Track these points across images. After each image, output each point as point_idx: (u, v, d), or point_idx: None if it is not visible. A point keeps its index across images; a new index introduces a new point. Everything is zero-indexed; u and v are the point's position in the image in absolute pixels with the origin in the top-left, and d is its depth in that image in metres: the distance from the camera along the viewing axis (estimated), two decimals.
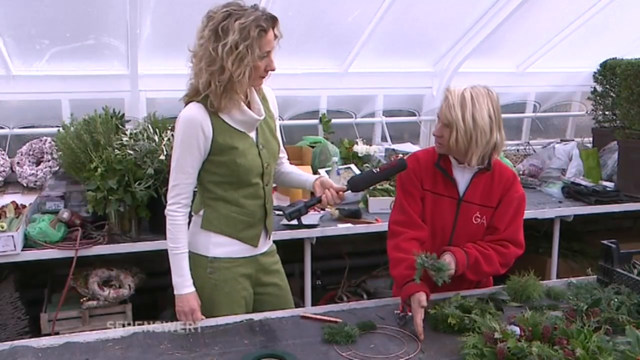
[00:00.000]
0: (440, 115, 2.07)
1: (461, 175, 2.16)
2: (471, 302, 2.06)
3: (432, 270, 1.96)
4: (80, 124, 3.01)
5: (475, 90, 2.04)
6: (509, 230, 2.13)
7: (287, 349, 1.84)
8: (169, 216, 2.02)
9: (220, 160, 2.02)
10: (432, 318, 2.01)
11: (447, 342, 1.90)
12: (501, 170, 2.17)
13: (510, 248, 2.13)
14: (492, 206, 2.16)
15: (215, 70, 1.92)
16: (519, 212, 2.16)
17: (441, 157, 2.16)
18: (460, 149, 2.05)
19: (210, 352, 1.83)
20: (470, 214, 2.15)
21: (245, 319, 2.05)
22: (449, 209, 2.17)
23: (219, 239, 2.09)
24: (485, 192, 2.15)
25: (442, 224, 2.18)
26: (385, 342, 1.92)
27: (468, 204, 2.15)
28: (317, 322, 2.03)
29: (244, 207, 2.09)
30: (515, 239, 2.14)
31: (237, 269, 2.12)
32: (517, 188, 2.16)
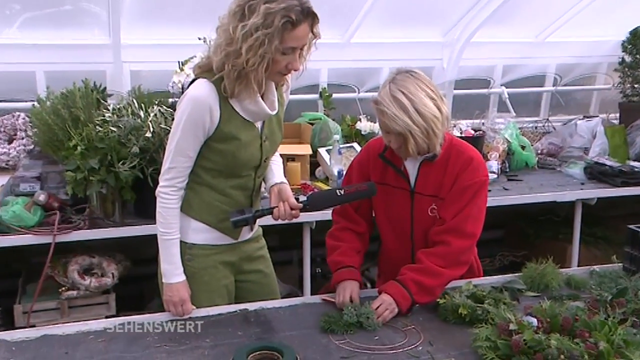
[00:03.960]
0: (385, 129, 2.04)
1: (412, 164, 2.15)
2: (484, 291, 2.06)
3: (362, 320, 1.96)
4: (58, 98, 3.00)
5: (399, 84, 1.99)
6: (454, 221, 2.07)
7: (284, 341, 1.85)
8: (161, 198, 2.02)
9: (218, 148, 2.01)
10: (442, 308, 2.02)
11: (457, 334, 1.91)
12: (458, 154, 2.11)
13: (453, 243, 2.06)
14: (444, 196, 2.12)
15: (231, 52, 1.87)
16: (474, 201, 2.08)
17: (387, 147, 2.15)
18: (423, 148, 2.04)
19: (201, 344, 1.84)
20: (425, 207, 2.14)
21: (239, 309, 2.06)
22: (403, 202, 2.17)
23: (198, 225, 2.09)
24: (437, 180, 2.11)
25: (399, 218, 2.19)
26: (389, 334, 1.93)
27: (421, 195, 2.14)
28: (317, 311, 2.04)
29: (230, 197, 2.09)
30: (459, 229, 2.06)
31: (217, 257, 2.13)
32: (474, 173, 2.09)
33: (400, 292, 2.03)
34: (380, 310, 1.99)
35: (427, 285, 2.04)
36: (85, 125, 2.85)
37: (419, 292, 2.04)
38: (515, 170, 4.03)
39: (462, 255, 2.10)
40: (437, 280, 2.05)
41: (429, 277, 2.04)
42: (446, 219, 2.09)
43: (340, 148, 3.58)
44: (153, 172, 2.75)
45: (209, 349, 1.81)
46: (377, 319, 1.97)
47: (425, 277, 2.04)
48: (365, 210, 2.26)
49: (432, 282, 2.05)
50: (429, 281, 2.04)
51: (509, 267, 4.13)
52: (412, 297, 2.03)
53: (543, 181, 3.81)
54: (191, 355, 1.79)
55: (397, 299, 2.02)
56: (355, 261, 2.17)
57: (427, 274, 2.05)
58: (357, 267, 2.16)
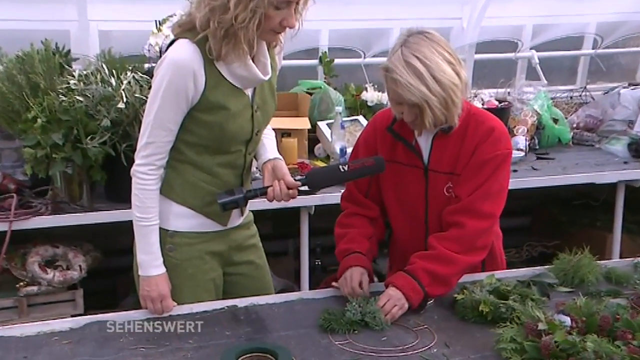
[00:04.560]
0: (397, 99, 2.05)
1: (424, 137, 2.17)
2: (509, 286, 2.08)
3: (368, 319, 1.99)
4: (12, 61, 2.99)
5: (412, 48, 2.00)
6: (469, 199, 2.09)
7: (279, 342, 1.88)
8: (138, 178, 2.03)
9: (204, 120, 2.02)
10: (460, 305, 2.04)
11: (477, 335, 1.93)
12: (477, 124, 2.13)
13: (468, 225, 2.08)
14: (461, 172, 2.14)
15: (217, 7, 1.88)
16: (494, 176, 2.10)
17: (396, 119, 2.17)
18: (441, 119, 2.06)
19: (183, 346, 1.87)
20: (441, 186, 2.16)
21: (227, 306, 2.09)
22: (415, 181, 2.19)
23: (181, 210, 2.11)
24: (453, 155, 2.13)
25: (411, 200, 2.21)
26: (399, 334, 1.96)
27: (435, 173, 2.17)
28: (316, 308, 2.06)
29: (217, 176, 2.11)
30: (475, 209, 2.09)
31: (203, 246, 2.14)
32: (495, 144, 2.11)
33: (409, 284, 2.05)
34: (387, 307, 2.02)
35: (440, 274, 2.06)
36: (47, 94, 2.85)
37: (432, 282, 2.06)
38: (546, 147, 4.04)
39: (479, 239, 2.12)
40: (452, 268, 2.08)
41: (442, 264, 2.07)
42: (461, 197, 2.11)
43: (343, 122, 3.59)
44: (127, 148, 2.76)
45: (192, 351, 1.84)
46: (385, 317, 1.99)
47: (438, 264, 2.06)
48: (377, 193, 2.28)
49: (447, 270, 2.07)
50: (443, 269, 2.06)
51: (538, 258, 4.16)
52: (424, 289, 2.05)
53: (579, 160, 3.83)
54: (171, 358, 1.81)
55: (407, 293, 2.04)
56: (363, 247, 2.19)
57: (440, 261, 2.07)
58: (365, 253, 2.19)
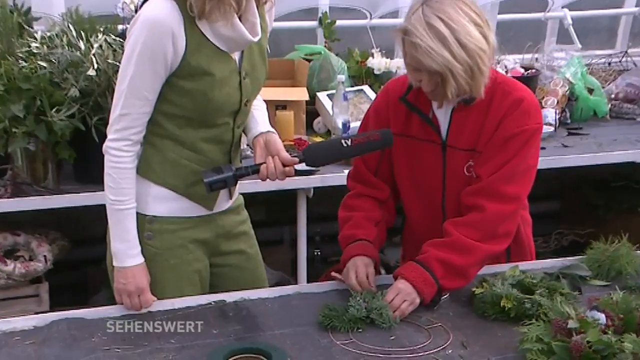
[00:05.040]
0: (415, 65, 2.04)
1: (443, 109, 2.17)
2: (535, 279, 2.10)
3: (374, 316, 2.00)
4: None
5: (435, 8, 1.99)
6: (491, 179, 2.10)
7: (273, 341, 1.89)
8: (111, 156, 2.04)
9: (185, 88, 2.02)
10: (478, 300, 2.05)
11: (498, 334, 1.95)
12: (504, 94, 2.13)
13: (488, 208, 2.08)
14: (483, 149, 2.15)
15: None
16: (521, 154, 2.11)
17: (411, 88, 2.17)
18: (464, 90, 2.05)
19: (164, 346, 1.88)
20: (460, 164, 2.17)
21: (214, 301, 2.10)
22: (432, 158, 2.20)
23: (161, 192, 2.11)
24: (475, 129, 2.14)
25: (427, 180, 2.22)
26: (409, 332, 1.98)
27: (455, 149, 2.17)
28: (315, 303, 2.08)
29: (202, 153, 2.11)
30: (497, 190, 2.10)
31: (186, 233, 2.15)
32: (523, 117, 2.12)
33: (421, 277, 2.06)
34: (396, 302, 2.03)
35: (456, 265, 2.07)
36: (4, 58, 2.85)
37: (447, 274, 2.07)
38: (580, 121, 4.04)
39: (501, 225, 2.12)
40: (469, 258, 2.08)
41: (458, 253, 2.07)
42: (482, 177, 2.12)
43: (346, 92, 3.58)
44: (98, 122, 2.76)
45: (173, 353, 1.85)
46: (394, 313, 2.01)
47: (454, 253, 2.07)
48: (388, 172, 2.29)
49: (464, 260, 2.07)
50: (459, 259, 2.07)
51: (569, 248, 4.17)
52: (438, 282, 2.06)
53: (617, 135, 3.83)
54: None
55: (418, 286, 2.05)
56: (370, 233, 2.21)
57: (456, 249, 2.07)
58: (372, 240, 2.20)
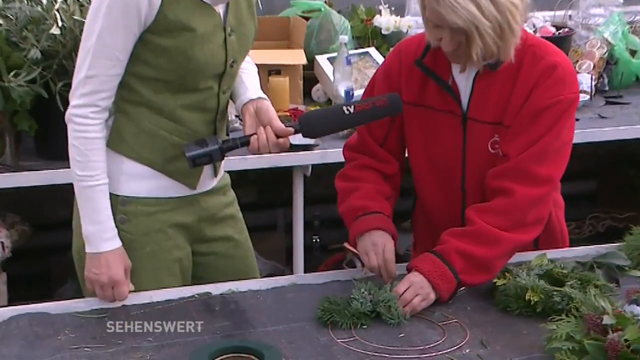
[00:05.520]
0: (436, 21, 2.04)
1: (464, 74, 2.17)
2: (565, 268, 2.11)
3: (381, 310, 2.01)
4: None
5: None
6: (521, 158, 2.10)
7: (265, 339, 1.90)
8: (75, 124, 2.04)
9: (161, 46, 2.02)
10: (500, 293, 2.06)
11: (523, 331, 1.96)
12: (535, 59, 2.13)
13: (518, 192, 2.08)
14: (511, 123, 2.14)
15: None
16: (555, 129, 2.11)
17: (428, 49, 2.17)
18: (492, 51, 2.05)
19: (140, 345, 1.89)
20: (484, 139, 2.17)
21: (197, 293, 2.11)
22: (451, 132, 2.20)
23: (135, 168, 2.12)
24: (502, 99, 2.14)
25: (445, 157, 2.22)
26: (421, 329, 1.99)
27: (477, 122, 2.18)
28: (313, 296, 2.09)
29: (182, 123, 2.12)
30: (528, 171, 2.10)
31: (164, 216, 2.16)
32: (557, 86, 2.11)
33: (438, 270, 2.06)
34: (407, 296, 2.04)
35: (480, 258, 2.07)
36: None
37: (468, 268, 2.07)
38: (619, 88, 4.02)
39: (532, 211, 2.12)
40: (495, 250, 2.08)
41: (482, 244, 2.07)
42: (510, 156, 2.11)
43: (349, 56, 3.58)
44: (63, 88, 2.75)
45: (151, 352, 1.86)
46: (404, 308, 2.02)
47: (477, 245, 2.07)
48: (396, 144, 2.29)
49: (488, 252, 2.08)
50: (483, 251, 2.07)
51: (605, 234, 4.19)
52: (458, 277, 2.06)
53: None
54: None
55: (434, 281, 2.05)
56: (384, 207, 2.21)
57: (479, 240, 2.07)
58: (388, 215, 2.20)
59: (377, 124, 2.24)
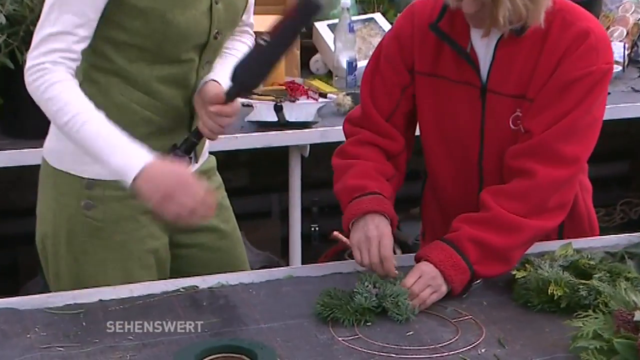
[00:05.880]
0: None
1: (484, 41, 2.17)
2: (592, 259, 2.11)
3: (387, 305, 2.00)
4: None
5: None
6: (545, 136, 2.10)
7: (259, 338, 1.90)
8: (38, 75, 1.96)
9: (137, 7, 2.02)
10: (520, 287, 2.07)
11: (545, 328, 1.97)
12: (564, 24, 2.12)
13: (540, 174, 2.09)
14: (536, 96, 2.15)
15: None
16: (585, 103, 2.11)
17: (444, 12, 2.17)
18: (520, 14, 2.04)
19: (119, 344, 1.89)
20: (505, 114, 2.17)
21: (183, 287, 2.12)
22: (467, 106, 2.20)
23: None
24: (526, 70, 2.14)
25: (460, 133, 2.23)
26: (432, 327, 1.99)
27: (498, 95, 2.17)
28: (312, 289, 2.10)
29: (157, 97, 2.12)
30: (552, 151, 2.10)
31: (137, 202, 2.13)
32: (589, 56, 2.10)
33: (450, 260, 2.06)
34: (417, 289, 2.04)
35: (496, 247, 2.08)
36: None
37: (483, 258, 2.07)
38: None
39: (555, 194, 2.13)
40: (513, 238, 2.09)
41: (499, 232, 2.08)
42: (534, 132, 2.11)
43: (352, 22, 3.59)
44: None
45: (131, 352, 1.86)
46: (413, 302, 2.02)
47: (493, 232, 2.07)
48: (404, 118, 2.29)
49: (505, 240, 2.08)
50: (500, 239, 2.07)
51: (638, 222, 4.22)
52: (471, 268, 2.07)
53: None
54: None
55: (446, 271, 2.06)
56: (384, 187, 2.20)
57: (495, 227, 2.08)
58: (388, 197, 2.19)
59: (384, 95, 2.24)
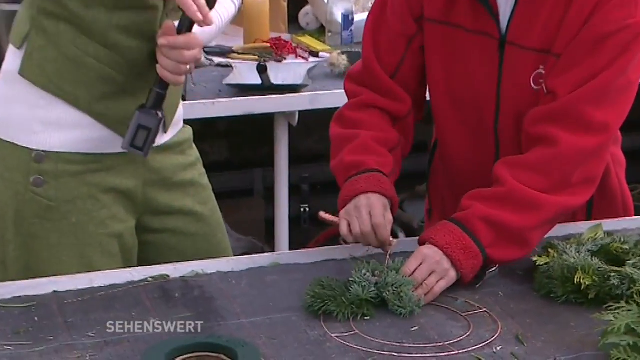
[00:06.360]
0: None
1: None
2: (625, 243, 2.12)
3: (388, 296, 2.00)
4: None
5: None
6: (571, 98, 2.11)
7: (240, 334, 1.90)
8: None
9: None
10: (541, 275, 2.08)
11: (571, 323, 1.98)
12: None
13: (563, 142, 2.10)
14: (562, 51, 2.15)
15: None
16: (618, 63, 2.11)
17: None
18: None
19: (77, 341, 1.89)
20: (526, 70, 2.18)
21: (152, 276, 2.12)
22: (483, 60, 2.21)
23: (56, 111, 2.12)
24: (551, 22, 2.14)
25: (474, 91, 2.24)
26: (441, 321, 2.00)
27: (518, 48, 2.18)
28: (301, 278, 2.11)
29: (116, 49, 2.12)
30: (579, 115, 2.11)
31: (97, 178, 2.17)
32: (622, 9, 2.10)
33: (459, 242, 2.07)
34: (420, 276, 2.04)
35: (512, 227, 2.09)
36: None
37: (497, 240, 2.08)
38: None
39: (582, 166, 2.13)
40: (531, 217, 2.09)
41: (515, 210, 2.08)
42: (558, 93, 2.12)
43: None
44: None
45: (91, 351, 1.86)
46: (418, 292, 2.03)
47: (509, 210, 2.08)
48: (411, 74, 2.30)
49: (523, 220, 2.09)
50: (517, 219, 2.08)
51: None
52: (484, 252, 2.08)
53: None
54: None
55: (454, 255, 2.06)
56: (384, 162, 2.21)
57: (511, 204, 2.09)
58: (387, 173, 2.20)
59: (389, 49, 2.25)
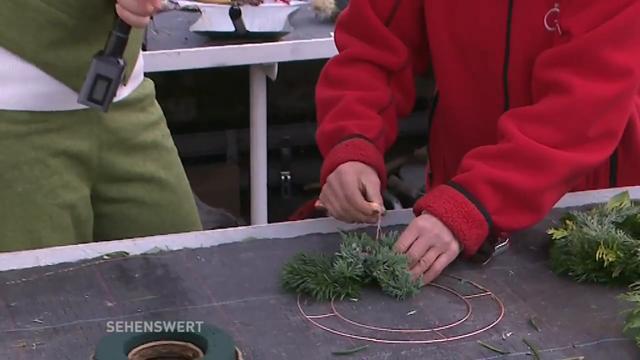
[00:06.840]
0: None
1: None
2: None
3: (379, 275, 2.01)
4: None
5: None
6: (586, 38, 2.13)
7: (210, 319, 1.90)
8: None
9: None
10: (557, 250, 2.09)
11: (591, 306, 1.99)
12: None
13: (578, 88, 2.12)
14: None
15: None
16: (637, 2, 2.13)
17: None
18: None
19: (22, 328, 1.90)
20: (539, 9, 2.20)
21: (107, 254, 2.13)
22: (489, 3, 2.23)
23: None
24: None
25: (480, 36, 2.26)
26: (441, 304, 2.02)
27: None
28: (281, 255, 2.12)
29: None
30: (595, 58, 2.14)
31: (45, 139, 2.19)
32: None
33: (461, 209, 2.08)
34: (416, 252, 2.05)
35: (520, 190, 2.10)
36: None
37: (504, 205, 2.10)
38: None
39: (600, 118, 2.15)
40: (542, 177, 2.11)
41: (524, 169, 2.10)
42: (574, 33, 2.13)
43: None
44: None
45: (39, 339, 1.87)
46: (415, 270, 2.03)
47: (517, 170, 2.10)
48: (408, 20, 2.31)
49: (533, 180, 2.10)
50: (526, 179, 2.10)
51: None
52: (490, 219, 2.09)
53: None
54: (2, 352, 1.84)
55: (455, 225, 2.07)
56: (371, 126, 2.23)
57: (519, 162, 2.10)
58: (373, 138, 2.21)
59: None
